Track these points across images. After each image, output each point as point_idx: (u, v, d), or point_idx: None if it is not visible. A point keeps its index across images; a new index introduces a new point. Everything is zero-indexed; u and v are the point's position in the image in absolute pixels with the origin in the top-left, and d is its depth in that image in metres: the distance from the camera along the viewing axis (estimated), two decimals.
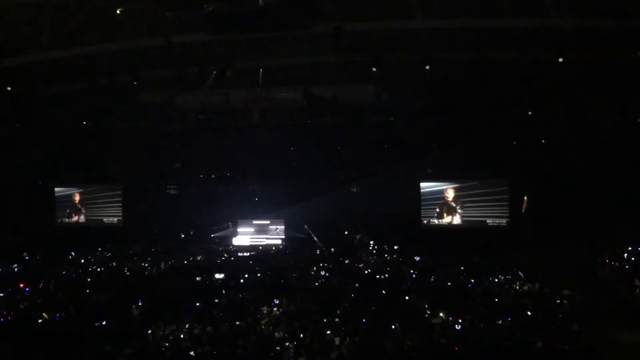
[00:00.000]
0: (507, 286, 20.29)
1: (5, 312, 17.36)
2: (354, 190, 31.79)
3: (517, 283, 20.37)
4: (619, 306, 18.17)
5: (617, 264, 22.49)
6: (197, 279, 22.60)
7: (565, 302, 17.81)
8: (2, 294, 19.53)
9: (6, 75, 16.87)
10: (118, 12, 14.11)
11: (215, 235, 34.55)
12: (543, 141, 26.37)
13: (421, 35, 14.86)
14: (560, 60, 14.13)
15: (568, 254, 24.93)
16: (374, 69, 14.75)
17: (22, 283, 21.32)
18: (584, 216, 24.52)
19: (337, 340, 14.49)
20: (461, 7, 13.24)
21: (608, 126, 22.67)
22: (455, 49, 15.48)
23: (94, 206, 34.15)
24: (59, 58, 15.66)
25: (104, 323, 16.51)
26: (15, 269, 25.31)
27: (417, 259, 25.72)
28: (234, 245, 32.47)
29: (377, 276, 22.77)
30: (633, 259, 22.96)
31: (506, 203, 28.79)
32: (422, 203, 29.79)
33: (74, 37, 15.09)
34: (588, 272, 22.42)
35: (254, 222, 34.21)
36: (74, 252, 28.52)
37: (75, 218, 34.13)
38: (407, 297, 18.66)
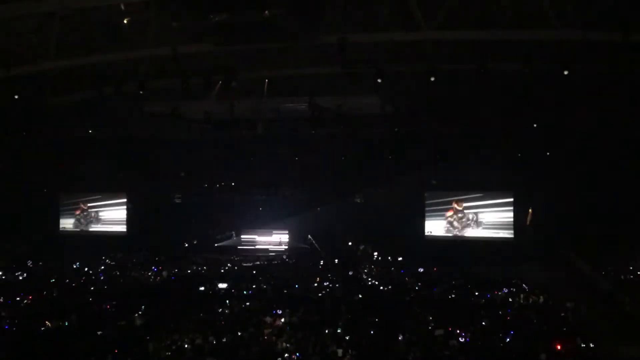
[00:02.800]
0: (511, 298, 20.19)
1: (8, 320, 17.36)
2: (358, 201, 31.82)
3: (521, 295, 20.28)
4: (624, 320, 18.05)
5: (622, 276, 22.39)
6: (200, 288, 22.57)
7: (570, 315, 17.71)
8: (6, 302, 19.56)
9: (13, 84, 16.99)
10: (125, 22, 14.21)
11: (219, 244, 34.57)
12: (548, 153, 26.36)
13: (426, 47, 14.92)
14: (566, 72, 14.15)
15: (573, 267, 24.83)
16: (378, 80, 14.79)
17: (25, 291, 21.34)
18: (589, 229, 24.45)
19: (339, 352, 14.43)
20: (465, 19, 13.30)
21: (613, 139, 22.66)
22: (459, 60, 15.52)
23: (98, 215, 34.27)
24: (66, 67, 15.77)
25: (106, 332, 16.49)
26: (19, 277, 25.35)
27: (421, 270, 25.64)
28: (237, 255, 32.46)
29: (381, 287, 22.70)
30: (639, 272, 22.86)
31: (511, 215, 28.76)
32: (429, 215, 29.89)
33: (80, 47, 15.21)
34: (593, 285, 22.32)
35: (258, 232, 34.27)
36: (78, 261, 28.54)
37: (79, 227, 34.24)
38: (410, 309, 18.58)
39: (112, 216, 34.03)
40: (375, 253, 30.03)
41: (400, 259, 28.54)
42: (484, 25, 13.22)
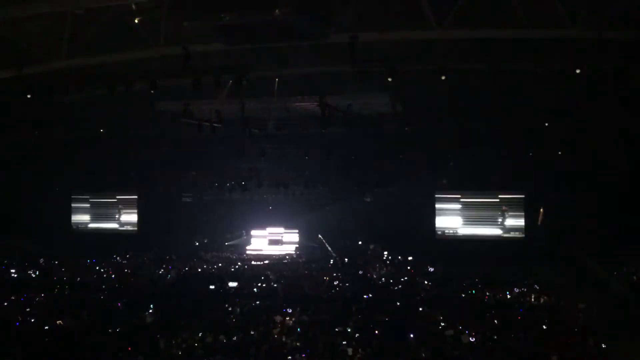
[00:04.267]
0: (522, 298, 20.09)
1: (20, 317, 17.50)
2: (368, 200, 31.78)
3: (532, 295, 20.16)
4: (636, 320, 17.91)
5: (634, 277, 22.20)
6: (211, 287, 22.64)
7: (581, 315, 17.59)
8: (18, 299, 19.71)
9: (26, 83, 17.11)
10: (136, 21, 14.27)
11: (229, 243, 34.68)
12: (560, 153, 26.20)
13: (437, 46, 14.87)
14: (578, 71, 14.05)
15: (584, 267, 24.68)
16: (389, 79, 14.76)
17: (37, 288, 21.51)
18: (601, 229, 24.29)
19: (349, 351, 14.42)
20: (477, 18, 13.23)
21: (626, 138, 22.46)
22: (471, 59, 15.46)
23: (109, 213, 34.48)
24: (78, 66, 15.86)
25: (117, 330, 16.58)
26: (32, 274, 25.54)
27: (431, 270, 25.57)
28: (247, 254, 32.55)
29: (391, 287, 22.66)
30: None
31: (522, 215, 28.65)
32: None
33: (92, 46, 15.29)
34: (605, 286, 22.16)
35: (268, 230, 34.33)
36: (89, 259, 28.72)
37: (90, 224, 34.49)
38: (420, 309, 18.54)
39: (124, 214, 34.24)
40: (386, 252, 29.99)
41: (410, 258, 28.48)
42: (495, 24, 13.14)
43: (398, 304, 19.41)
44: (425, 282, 22.97)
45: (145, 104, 20.77)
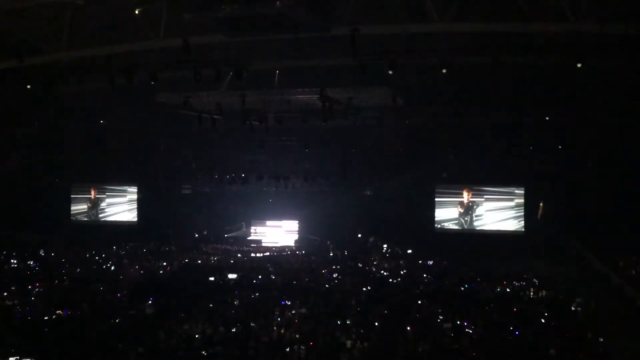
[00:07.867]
0: (521, 292, 20.12)
1: (20, 309, 17.54)
2: (368, 193, 31.77)
3: (532, 289, 20.19)
4: (634, 314, 17.97)
5: (632, 271, 22.24)
6: (211, 279, 22.67)
7: (580, 309, 17.64)
8: (18, 291, 19.75)
9: (26, 74, 17.09)
10: (136, 12, 14.23)
11: (229, 235, 34.70)
12: (560, 147, 26.20)
13: (438, 39, 14.84)
14: (579, 65, 14.02)
15: (584, 261, 24.72)
16: (390, 72, 14.73)
17: (37, 280, 21.54)
18: (600, 223, 24.31)
19: (348, 343, 14.49)
20: (479, 11, 13.19)
21: (626, 132, 22.45)
22: (472, 53, 15.43)
23: (109, 205, 34.49)
24: (78, 57, 15.85)
25: (117, 321, 16.63)
26: (32, 266, 25.56)
27: (431, 263, 25.60)
28: (247, 246, 32.57)
29: (390, 280, 22.69)
30: None
31: (522, 209, 28.66)
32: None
33: (92, 37, 15.26)
34: (603, 280, 22.20)
35: (268, 223, 34.36)
36: (89, 250, 28.75)
37: (91, 216, 34.50)
38: (419, 302, 18.58)
39: (124, 206, 34.26)
40: (385, 245, 30.01)
41: (409, 251, 28.52)
42: (497, 17, 13.10)
43: (397, 297, 19.45)
44: (424, 275, 22.99)
45: (146, 96, 20.76)
